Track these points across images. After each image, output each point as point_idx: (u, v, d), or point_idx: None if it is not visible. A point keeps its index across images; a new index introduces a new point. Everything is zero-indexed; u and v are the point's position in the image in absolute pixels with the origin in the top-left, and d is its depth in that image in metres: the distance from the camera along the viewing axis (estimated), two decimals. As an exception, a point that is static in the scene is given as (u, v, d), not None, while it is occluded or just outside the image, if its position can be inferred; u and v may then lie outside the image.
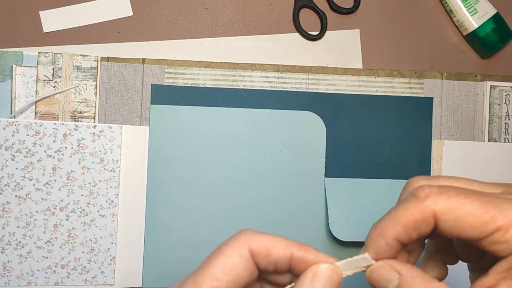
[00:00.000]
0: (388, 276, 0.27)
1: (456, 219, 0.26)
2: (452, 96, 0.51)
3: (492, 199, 0.26)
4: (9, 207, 0.45)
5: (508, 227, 0.25)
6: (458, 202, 0.26)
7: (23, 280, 0.45)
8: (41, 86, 0.46)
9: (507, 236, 0.25)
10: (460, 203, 0.26)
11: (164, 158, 0.47)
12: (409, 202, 0.27)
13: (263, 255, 0.27)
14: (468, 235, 0.26)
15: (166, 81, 0.48)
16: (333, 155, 0.49)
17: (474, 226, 0.25)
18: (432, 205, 0.26)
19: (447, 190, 0.26)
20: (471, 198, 0.26)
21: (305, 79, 0.49)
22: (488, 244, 0.26)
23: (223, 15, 0.51)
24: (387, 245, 0.27)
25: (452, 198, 0.26)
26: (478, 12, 0.51)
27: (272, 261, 0.27)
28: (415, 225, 0.26)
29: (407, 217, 0.26)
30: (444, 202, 0.26)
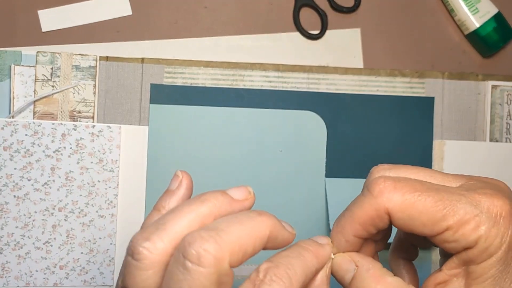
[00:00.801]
0: (345, 266, 0.27)
1: (409, 217, 0.26)
2: (454, 96, 0.51)
3: (446, 196, 0.26)
4: (8, 207, 0.45)
5: (458, 227, 0.25)
6: (411, 200, 0.26)
7: (22, 281, 0.45)
8: (40, 86, 0.46)
9: (456, 236, 0.25)
10: (413, 201, 0.26)
11: (164, 158, 0.47)
12: (364, 198, 0.27)
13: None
14: (420, 232, 0.26)
15: (165, 81, 0.48)
16: (333, 155, 0.49)
17: (425, 224, 0.25)
18: (385, 202, 0.26)
19: (401, 186, 0.26)
20: (425, 196, 0.26)
21: (306, 78, 0.49)
22: (439, 242, 0.26)
23: (222, 14, 0.50)
24: (347, 242, 0.27)
25: (405, 195, 0.26)
26: (479, 11, 0.50)
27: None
28: (371, 222, 0.26)
29: (362, 215, 0.26)
30: (397, 199, 0.26)
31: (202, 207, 0.25)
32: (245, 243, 0.24)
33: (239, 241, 0.23)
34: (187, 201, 0.27)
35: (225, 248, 0.23)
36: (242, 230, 0.24)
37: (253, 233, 0.24)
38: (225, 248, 0.23)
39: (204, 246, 0.22)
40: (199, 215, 0.25)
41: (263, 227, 0.25)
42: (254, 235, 0.24)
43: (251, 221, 0.25)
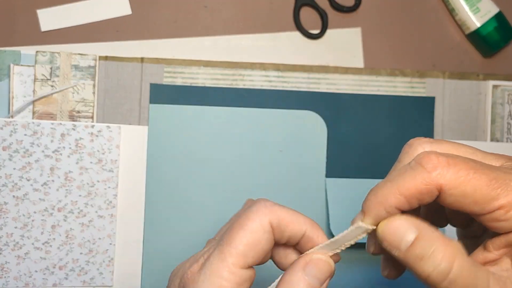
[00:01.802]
0: (404, 230, 0.26)
1: (462, 194, 0.25)
2: (454, 96, 0.50)
3: (499, 175, 0.25)
4: (7, 207, 0.45)
5: (511, 206, 0.25)
6: (466, 177, 0.25)
7: (21, 282, 0.45)
8: (39, 86, 0.46)
9: (508, 215, 0.25)
10: (469, 179, 0.25)
11: (163, 158, 0.47)
12: (414, 171, 0.26)
13: (280, 229, 0.28)
14: (470, 210, 0.26)
15: (165, 80, 0.48)
16: (334, 155, 0.49)
17: (478, 202, 0.25)
18: (439, 178, 0.25)
19: (455, 163, 0.25)
20: (479, 174, 0.25)
21: (306, 78, 0.49)
22: (488, 220, 0.26)
23: (222, 13, 0.50)
24: (387, 214, 0.26)
25: (460, 172, 0.25)
26: (480, 11, 0.50)
27: (286, 236, 0.28)
28: (418, 196, 0.26)
29: (411, 188, 0.26)
30: (452, 176, 0.25)
31: None
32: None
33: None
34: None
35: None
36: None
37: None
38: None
39: None
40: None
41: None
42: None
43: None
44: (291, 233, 0.28)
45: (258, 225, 0.27)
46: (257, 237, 0.27)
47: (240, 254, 0.27)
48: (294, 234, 0.28)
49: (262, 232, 0.27)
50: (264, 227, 0.27)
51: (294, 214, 0.28)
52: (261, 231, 0.27)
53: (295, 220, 0.28)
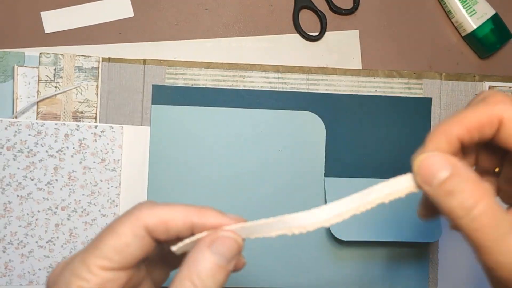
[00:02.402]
0: (440, 165, 0.25)
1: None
2: (451, 97, 0.51)
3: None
4: (11, 206, 0.45)
5: None
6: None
7: (25, 279, 0.45)
8: (43, 87, 0.47)
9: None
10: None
11: (165, 158, 0.47)
12: (478, 105, 0.27)
13: (161, 230, 0.26)
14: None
15: (167, 82, 0.48)
16: (332, 155, 0.49)
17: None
18: (501, 111, 0.26)
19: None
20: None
21: (305, 79, 0.49)
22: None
23: (223, 16, 0.51)
24: (448, 143, 0.26)
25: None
26: (476, 13, 0.51)
27: (173, 233, 0.26)
28: (479, 127, 0.26)
29: (474, 118, 0.26)
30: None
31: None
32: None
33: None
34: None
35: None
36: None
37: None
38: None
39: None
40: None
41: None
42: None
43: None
44: (176, 229, 0.26)
45: (128, 230, 0.26)
46: (125, 241, 0.26)
47: (104, 256, 0.25)
48: (180, 229, 0.26)
49: (132, 237, 0.26)
50: (135, 232, 0.26)
51: (173, 209, 0.27)
52: (130, 236, 0.26)
53: (175, 215, 0.26)
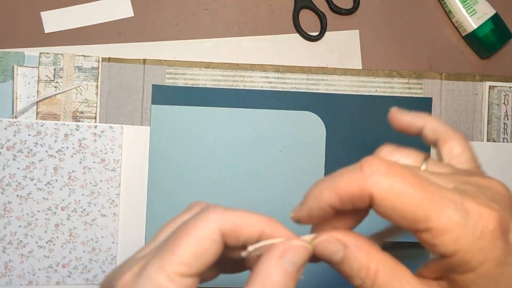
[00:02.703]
0: (333, 248, 0.26)
1: (391, 207, 0.24)
2: (451, 97, 0.51)
3: (436, 197, 0.24)
4: (11, 206, 0.45)
5: (439, 233, 0.23)
6: (401, 189, 0.24)
7: (25, 279, 0.45)
8: (43, 87, 0.47)
9: (435, 241, 0.23)
10: (402, 192, 0.24)
11: (165, 158, 0.47)
12: (353, 172, 0.25)
13: (234, 235, 0.26)
14: (399, 223, 0.24)
15: (167, 82, 0.48)
16: (332, 155, 0.49)
17: (406, 218, 0.24)
18: (372, 185, 0.24)
19: (394, 174, 0.24)
20: (416, 188, 0.24)
21: (305, 79, 0.49)
22: (417, 236, 0.25)
23: (223, 16, 0.51)
24: (320, 209, 0.26)
25: (395, 184, 0.24)
26: (477, 13, 0.51)
27: (242, 239, 0.26)
28: (350, 198, 0.25)
29: (345, 188, 0.24)
30: (386, 185, 0.24)
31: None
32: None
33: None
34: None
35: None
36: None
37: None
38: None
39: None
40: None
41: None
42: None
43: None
44: (246, 236, 0.26)
45: (206, 234, 0.25)
46: (203, 247, 0.25)
47: (183, 263, 0.25)
48: (251, 236, 0.26)
49: (210, 242, 0.25)
50: (212, 236, 0.25)
51: (247, 216, 0.26)
52: (208, 241, 0.25)
53: (249, 222, 0.26)
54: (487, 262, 0.23)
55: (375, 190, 0.24)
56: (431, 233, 0.23)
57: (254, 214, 0.27)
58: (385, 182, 0.24)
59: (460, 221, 0.23)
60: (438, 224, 0.23)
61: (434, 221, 0.23)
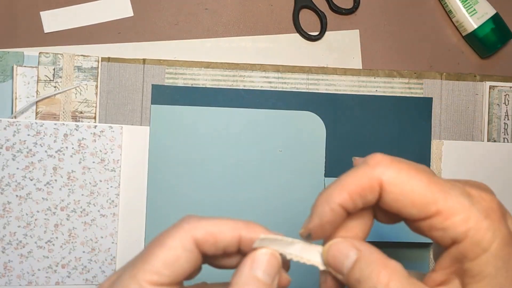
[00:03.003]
0: (346, 251, 0.26)
1: (401, 192, 0.25)
2: (452, 96, 0.51)
3: (441, 182, 0.25)
4: (10, 207, 0.45)
5: (449, 215, 0.24)
6: (407, 176, 0.25)
7: (24, 280, 0.45)
8: (42, 86, 0.47)
9: (445, 224, 0.24)
10: (409, 178, 0.25)
11: (165, 158, 0.47)
12: (358, 168, 0.26)
13: (210, 243, 0.26)
14: (408, 213, 0.25)
15: (166, 81, 0.48)
16: (332, 155, 0.49)
17: (416, 204, 0.24)
18: (380, 173, 0.25)
19: (399, 162, 0.25)
20: (421, 176, 0.25)
21: (305, 79, 0.49)
22: (427, 228, 0.25)
23: (223, 16, 0.51)
24: (331, 211, 0.26)
25: (402, 170, 0.25)
26: (477, 13, 0.51)
27: (221, 247, 0.26)
28: (361, 192, 0.25)
29: (354, 183, 0.25)
30: (393, 172, 0.25)
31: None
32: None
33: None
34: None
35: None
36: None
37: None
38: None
39: None
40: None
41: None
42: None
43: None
44: (224, 243, 0.26)
45: (178, 243, 0.25)
46: (175, 255, 0.25)
47: (154, 271, 0.25)
48: (228, 243, 0.26)
49: (182, 250, 0.25)
50: (185, 245, 0.25)
51: (222, 222, 0.26)
52: (180, 249, 0.25)
53: (223, 229, 0.26)
54: (497, 241, 0.24)
55: (384, 177, 0.25)
56: (441, 215, 0.24)
57: (229, 220, 0.27)
58: (392, 169, 0.25)
59: (467, 202, 0.24)
60: (448, 206, 0.24)
61: (443, 202, 0.24)
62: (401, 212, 0.25)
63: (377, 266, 0.25)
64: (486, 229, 0.24)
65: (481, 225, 0.24)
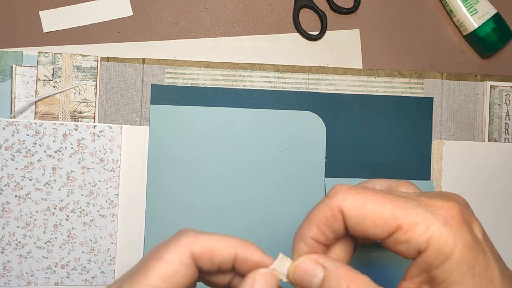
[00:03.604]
0: (312, 270, 0.26)
1: (361, 215, 0.26)
2: (452, 96, 0.51)
3: (397, 199, 0.26)
4: (9, 207, 0.45)
5: (409, 227, 0.25)
6: (363, 199, 0.26)
7: (23, 280, 0.45)
8: (41, 86, 0.47)
9: (407, 236, 0.25)
10: (366, 200, 0.26)
11: (164, 158, 0.47)
12: (321, 202, 0.27)
13: (206, 258, 0.26)
14: (372, 234, 0.26)
15: (166, 81, 0.48)
16: (333, 155, 0.49)
17: (377, 223, 0.25)
18: (340, 201, 0.26)
19: (355, 188, 0.27)
20: (376, 196, 0.26)
21: (305, 79, 0.49)
22: (392, 244, 0.26)
23: (223, 15, 0.51)
24: (307, 246, 0.27)
25: (358, 195, 0.26)
26: (478, 12, 0.51)
27: (216, 263, 0.27)
28: (326, 222, 0.26)
29: (318, 216, 0.26)
30: (351, 198, 0.26)
31: None
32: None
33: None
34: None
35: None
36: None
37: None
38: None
39: None
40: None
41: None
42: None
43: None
44: (220, 259, 0.27)
45: (175, 257, 0.26)
46: (172, 269, 0.25)
47: (151, 285, 0.25)
48: (224, 259, 0.27)
49: (179, 264, 0.26)
50: (182, 259, 0.26)
51: (219, 239, 0.27)
52: (177, 263, 0.26)
53: (221, 245, 0.27)
54: (459, 247, 0.24)
55: (344, 204, 0.26)
56: (403, 229, 0.25)
57: (227, 238, 0.27)
58: (349, 196, 0.26)
59: (424, 213, 0.25)
60: (407, 219, 0.25)
61: (402, 218, 0.25)
62: (366, 234, 0.26)
63: (345, 281, 0.25)
64: (447, 235, 0.24)
65: (441, 232, 0.24)
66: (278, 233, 0.48)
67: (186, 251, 0.26)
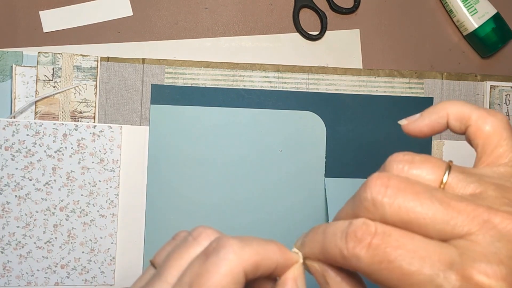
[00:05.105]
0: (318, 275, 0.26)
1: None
2: (452, 96, 0.51)
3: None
4: (9, 207, 0.45)
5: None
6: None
7: (23, 280, 0.45)
8: (41, 86, 0.47)
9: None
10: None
11: (164, 158, 0.47)
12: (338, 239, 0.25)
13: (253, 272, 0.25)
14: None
15: (166, 81, 0.48)
16: (333, 155, 0.49)
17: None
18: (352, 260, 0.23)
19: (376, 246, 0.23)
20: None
21: (305, 79, 0.49)
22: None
23: (223, 15, 0.51)
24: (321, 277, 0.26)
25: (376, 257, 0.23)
26: (478, 12, 0.51)
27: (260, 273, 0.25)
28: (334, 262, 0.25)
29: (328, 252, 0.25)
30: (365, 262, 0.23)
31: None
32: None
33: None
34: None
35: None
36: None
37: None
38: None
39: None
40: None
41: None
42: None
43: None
44: (264, 270, 0.25)
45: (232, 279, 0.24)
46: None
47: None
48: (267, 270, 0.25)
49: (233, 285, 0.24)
50: (235, 280, 0.24)
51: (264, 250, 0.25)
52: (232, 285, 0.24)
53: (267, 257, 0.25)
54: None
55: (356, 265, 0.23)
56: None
57: (269, 246, 0.26)
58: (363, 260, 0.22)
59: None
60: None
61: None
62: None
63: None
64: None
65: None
66: (278, 233, 0.48)
67: (240, 271, 0.24)
